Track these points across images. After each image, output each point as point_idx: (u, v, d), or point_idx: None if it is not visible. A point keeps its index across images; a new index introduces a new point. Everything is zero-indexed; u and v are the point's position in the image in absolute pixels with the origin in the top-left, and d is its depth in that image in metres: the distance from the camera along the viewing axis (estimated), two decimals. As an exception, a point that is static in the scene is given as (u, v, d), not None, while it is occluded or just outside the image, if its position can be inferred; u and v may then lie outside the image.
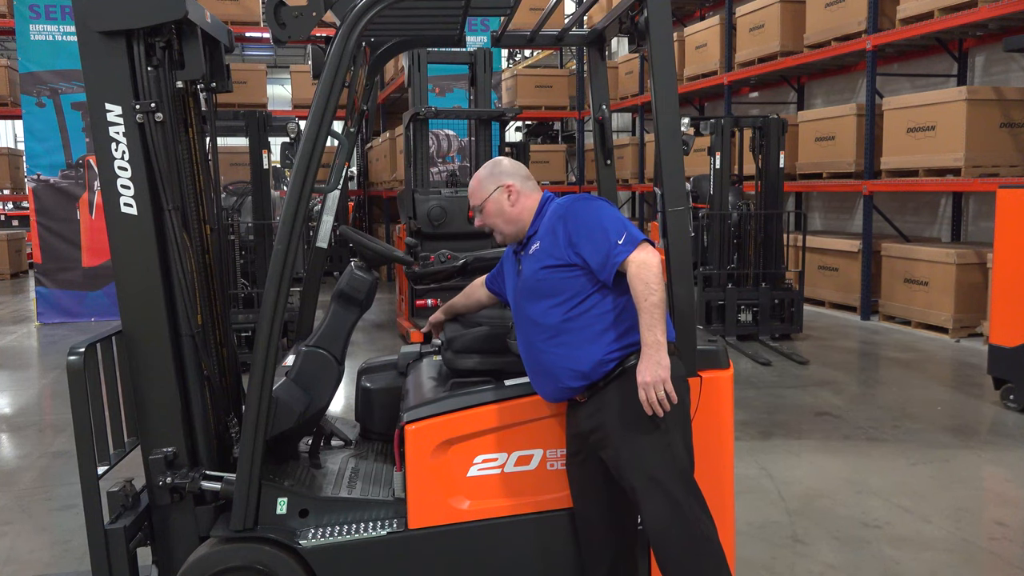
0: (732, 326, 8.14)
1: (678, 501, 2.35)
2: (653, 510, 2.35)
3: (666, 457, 2.37)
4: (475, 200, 2.64)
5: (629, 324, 2.41)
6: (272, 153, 7.37)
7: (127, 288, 2.60)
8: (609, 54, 16.67)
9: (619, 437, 2.39)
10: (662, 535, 2.36)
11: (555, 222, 2.49)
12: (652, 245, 2.38)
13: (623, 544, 2.60)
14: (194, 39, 2.60)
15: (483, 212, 2.62)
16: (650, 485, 2.35)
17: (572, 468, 2.57)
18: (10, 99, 13.26)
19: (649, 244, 2.37)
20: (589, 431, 2.46)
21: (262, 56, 25.11)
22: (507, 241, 2.67)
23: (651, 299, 2.29)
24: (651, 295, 2.29)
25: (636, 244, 2.35)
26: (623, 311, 2.42)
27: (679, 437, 2.42)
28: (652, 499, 2.35)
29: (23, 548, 3.69)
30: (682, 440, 2.43)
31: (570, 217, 2.47)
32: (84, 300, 9.93)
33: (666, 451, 2.38)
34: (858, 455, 4.78)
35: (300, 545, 2.59)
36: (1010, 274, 5.61)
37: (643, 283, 2.30)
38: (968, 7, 7.64)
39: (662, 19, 2.54)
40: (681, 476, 2.39)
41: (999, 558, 3.49)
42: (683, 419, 2.45)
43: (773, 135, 8.15)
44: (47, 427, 5.61)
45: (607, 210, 2.47)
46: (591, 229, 2.41)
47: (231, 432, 2.89)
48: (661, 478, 2.35)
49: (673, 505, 2.34)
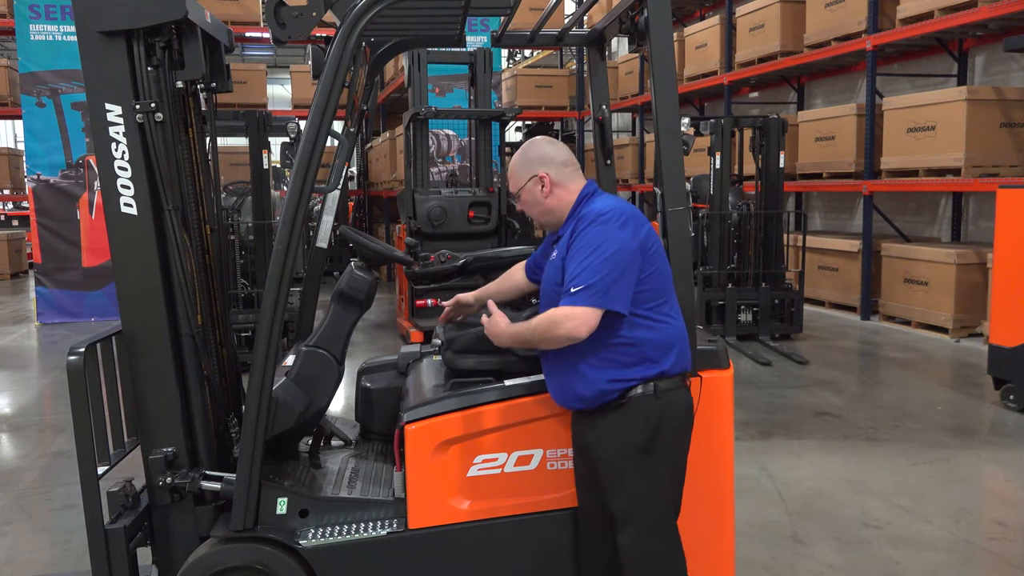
0: (732, 326, 8.14)
1: (650, 541, 2.33)
2: (624, 542, 2.34)
3: (650, 497, 2.34)
4: (512, 187, 2.54)
5: (639, 357, 2.33)
6: (272, 153, 7.36)
7: (127, 288, 2.60)
8: (609, 54, 16.67)
9: (608, 464, 2.36)
10: (629, 567, 2.35)
11: (571, 238, 2.37)
12: (617, 312, 2.27)
13: None
14: (194, 39, 2.59)
15: (520, 201, 2.54)
16: (627, 517, 2.34)
17: (575, 459, 2.57)
18: (10, 99, 13.27)
19: (599, 311, 2.24)
20: (585, 443, 2.44)
21: (262, 56, 25.12)
22: (548, 230, 2.61)
23: (538, 332, 2.30)
24: (540, 335, 2.30)
25: (586, 302, 2.23)
26: (632, 343, 2.33)
27: (668, 478, 2.37)
28: (626, 531, 2.34)
29: (23, 548, 3.69)
30: (671, 482, 2.38)
31: (576, 240, 2.34)
32: (84, 300, 9.93)
33: (651, 490, 2.34)
34: (858, 455, 4.78)
35: (300, 545, 2.58)
36: (1010, 274, 5.61)
37: (549, 325, 2.27)
38: (968, 7, 7.64)
39: (662, 19, 2.54)
40: (659, 517, 2.35)
41: (999, 558, 3.49)
42: (677, 461, 2.39)
43: (773, 135, 8.15)
44: (47, 427, 5.61)
45: (609, 246, 2.27)
46: (580, 258, 2.29)
47: (231, 432, 2.88)
48: (638, 515, 2.33)
49: (644, 544, 2.32)
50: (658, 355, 2.34)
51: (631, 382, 2.34)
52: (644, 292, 2.33)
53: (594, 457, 2.39)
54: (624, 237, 2.29)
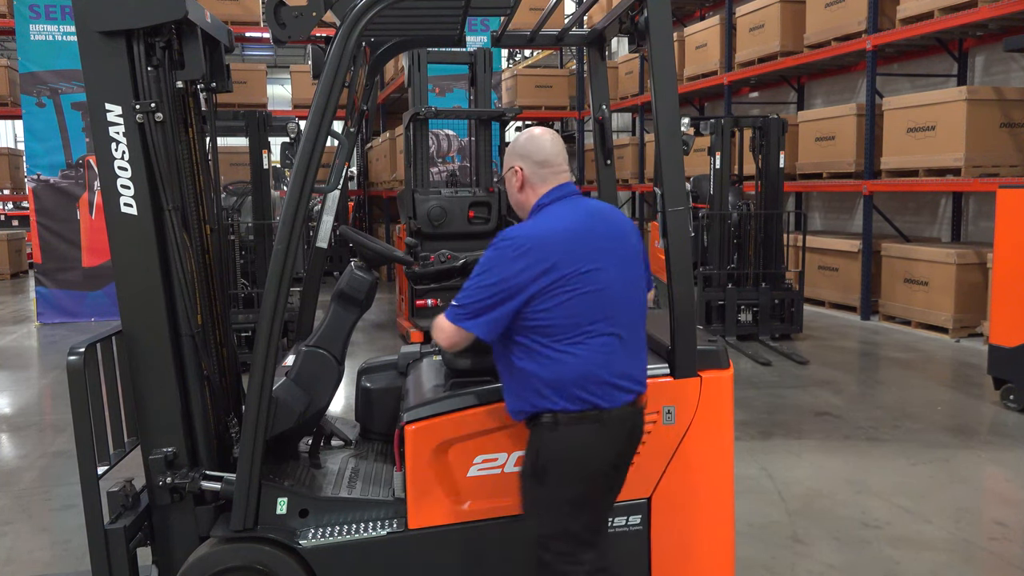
0: (732, 326, 8.14)
1: (542, 557, 2.28)
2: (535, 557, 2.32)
3: (542, 520, 2.30)
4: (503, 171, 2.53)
5: (530, 387, 2.26)
6: (272, 153, 7.37)
7: (127, 288, 2.60)
8: (609, 54, 16.67)
9: (521, 480, 2.38)
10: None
11: None
12: (479, 335, 2.24)
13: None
14: (194, 39, 2.59)
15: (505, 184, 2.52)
16: (536, 531, 2.32)
17: None
18: (10, 99, 13.26)
19: (463, 332, 2.24)
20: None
21: (262, 56, 25.11)
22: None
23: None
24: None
25: (454, 319, 2.25)
26: (526, 373, 2.26)
27: (566, 508, 2.26)
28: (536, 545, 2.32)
29: (23, 548, 3.69)
30: (571, 513, 2.27)
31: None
32: (84, 300, 9.93)
33: (542, 514, 2.30)
34: (858, 455, 4.78)
35: (300, 545, 2.58)
36: (1010, 274, 5.61)
37: (433, 328, 2.32)
38: (968, 7, 7.64)
39: (662, 19, 2.54)
40: (551, 542, 2.27)
41: (999, 558, 3.49)
42: (577, 496, 2.27)
43: (773, 135, 8.15)
44: (47, 427, 5.61)
45: (492, 275, 2.22)
46: (472, 275, 2.28)
47: (231, 432, 2.88)
48: (536, 530, 2.30)
49: (539, 557, 2.29)
50: (547, 392, 2.24)
51: (534, 408, 2.28)
52: (546, 327, 2.22)
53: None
54: (512, 269, 2.20)
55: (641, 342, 2.40)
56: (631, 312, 2.34)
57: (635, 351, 2.35)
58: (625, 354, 2.30)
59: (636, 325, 2.36)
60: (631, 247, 2.39)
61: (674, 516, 2.65)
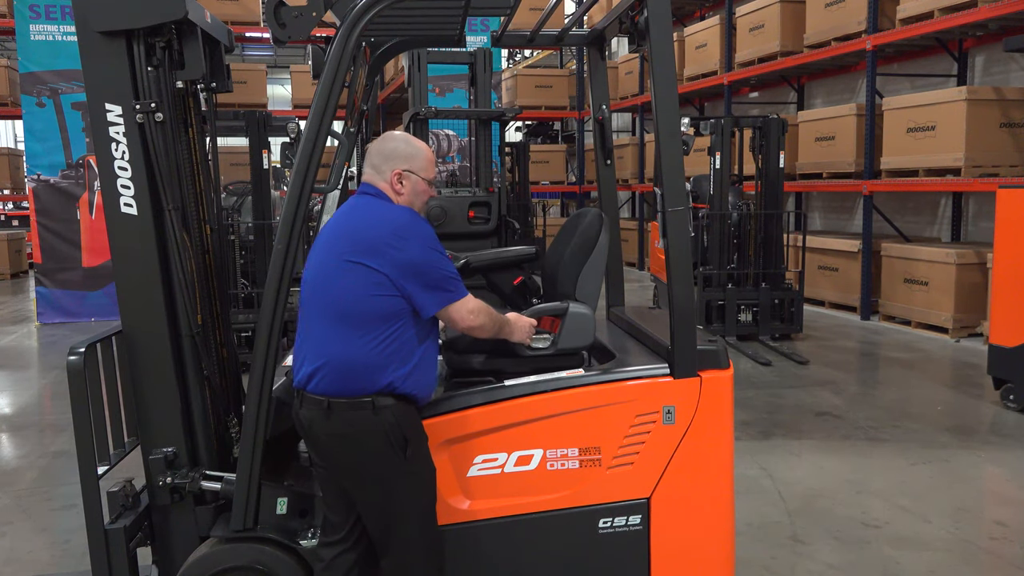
0: (732, 326, 8.14)
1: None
2: None
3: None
4: None
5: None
6: (272, 153, 7.36)
7: (127, 288, 2.60)
8: (609, 54, 16.67)
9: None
10: None
11: None
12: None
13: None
14: (194, 39, 2.60)
15: None
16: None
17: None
18: (10, 99, 13.27)
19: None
20: None
21: (262, 56, 25.11)
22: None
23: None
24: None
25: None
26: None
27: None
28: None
29: (23, 548, 3.69)
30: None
31: None
32: (84, 300, 9.92)
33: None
34: (858, 455, 4.78)
35: (300, 545, 2.59)
36: (1010, 274, 5.61)
37: None
38: (968, 7, 7.64)
39: (662, 19, 2.54)
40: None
41: (999, 558, 3.49)
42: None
43: (773, 135, 8.14)
44: (47, 427, 5.61)
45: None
46: None
47: (231, 432, 2.88)
48: None
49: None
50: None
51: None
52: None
53: None
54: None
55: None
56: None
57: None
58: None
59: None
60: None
61: (674, 516, 2.65)
